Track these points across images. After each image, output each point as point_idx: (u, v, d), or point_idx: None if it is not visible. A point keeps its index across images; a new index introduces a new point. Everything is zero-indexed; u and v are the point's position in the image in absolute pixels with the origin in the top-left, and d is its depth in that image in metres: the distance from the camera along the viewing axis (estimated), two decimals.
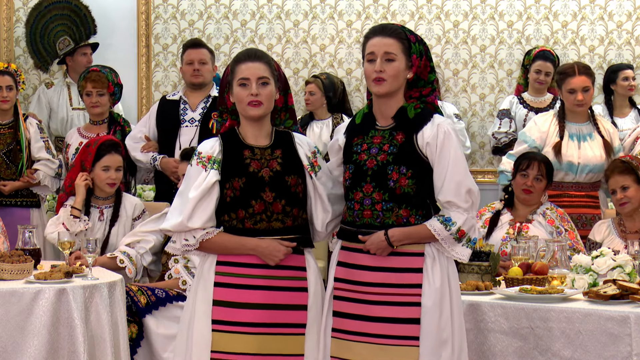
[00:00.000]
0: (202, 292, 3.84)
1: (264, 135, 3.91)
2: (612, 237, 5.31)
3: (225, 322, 3.80)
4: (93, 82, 6.40)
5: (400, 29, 3.87)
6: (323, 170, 3.96)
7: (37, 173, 6.49)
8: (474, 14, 8.05)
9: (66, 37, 7.75)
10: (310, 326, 3.86)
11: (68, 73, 7.61)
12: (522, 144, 5.90)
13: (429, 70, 3.90)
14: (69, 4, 7.87)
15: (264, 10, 8.13)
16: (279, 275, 3.83)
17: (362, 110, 3.98)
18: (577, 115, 5.86)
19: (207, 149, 3.87)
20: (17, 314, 4.47)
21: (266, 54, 3.97)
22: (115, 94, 6.53)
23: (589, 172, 5.79)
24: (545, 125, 5.85)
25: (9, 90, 6.46)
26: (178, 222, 3.81)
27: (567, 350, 4.10)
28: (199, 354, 3.81)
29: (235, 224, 3.83)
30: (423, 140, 3.81)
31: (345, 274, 3.89)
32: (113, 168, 5.68)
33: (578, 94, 5.76)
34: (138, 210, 5.75)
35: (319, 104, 7.51)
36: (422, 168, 3.82)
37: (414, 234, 3.81)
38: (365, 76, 3.87)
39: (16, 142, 6.49)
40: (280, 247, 3.81)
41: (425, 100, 3.91)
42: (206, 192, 3.81)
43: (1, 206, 6.44)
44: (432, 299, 3.78)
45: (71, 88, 7.51)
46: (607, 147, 5.79)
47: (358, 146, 3.88)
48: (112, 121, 6.52)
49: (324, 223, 3.94)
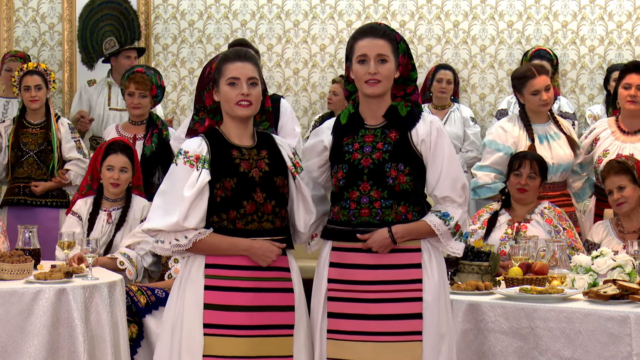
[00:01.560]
0: (191, 295, 3.77)
1: (247, 135, 3.87)
2: (610, 237, 5.31)
3: (217, 326, 3.75)
4: (137, 83, 6.37)
5: (389, 30, 3.90)
6: (304, 172, 3.96)
7: (68, 173, 6.50)
8: (474, 14, 8.06)
9: (112, 38, 7.76)
10: (298, 326, 3.84)
11: (111, 73, 7.59)
12: (495, 152, 5.82)
13: (410, 68, 3.93)
14: (120, 6, 7.91)
15: (264, 10, 8.14)
16: (266, 276, 3.80)
17: (347, 110, 3.98)
18: (539, 116, 5.85)
19: (194, 148, 3.80)
20: (17, 314, 4.47)
21: (254, 54, 3.96)
22: (157, 96, 6.49)
23: (562, 171, 5.80)
24: (515, 130, 5.82)
25: (37, 90, 6.46)
26: (173, 222, 3.74)
27: (567, 350, 4.10)
28: (190, 358, 3.74)
29: (225, 225, 3.78)
30: (418, 137, 3.85)
31: (339, 274, 3.88)
32: (117, 168, 5.65)
33: (542, 94, 5.77)
34: (146, 212, 5.71)
35: (340, 105, 7.47)
36: (417, 165, 3.85)
37: (415, 229, 3.84)
38: (357, 77, 3.87)
39: (47, 142, 6.50)
40: (273, 248, 3.78)
41: (410, 99, 3.94)
42: (200, 191, 3.76)
43: (31, 206, 6.47)
44: (432, 294, 3.82)
45: (112, 88, 7.49)
46: (572, 144, 5.81)
47: (349, 146, 3.89)
48: (150, 123, 6.48)
49: (307, 224, 3.91)
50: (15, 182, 6.55)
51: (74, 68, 8.18)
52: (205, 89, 3.90)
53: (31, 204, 6.48)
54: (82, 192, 5.76)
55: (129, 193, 5.73)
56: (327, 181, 4.02)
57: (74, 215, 5.67)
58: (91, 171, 5.75)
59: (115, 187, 5.67)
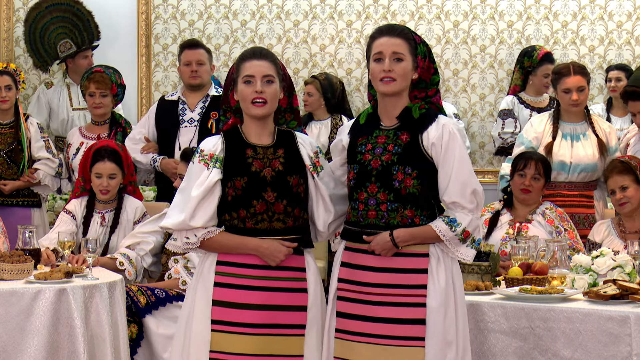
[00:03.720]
0: (202, 292, 3.83)
1: (267, 134, 3.90)
2: (612, 237, 5.31)
3: (225, 323, 3.79)
4: (96, 82, 6.39)
5: (407, 30, 3.89)
6: (325, 170, 3.95)
7: (37, 172, 6.49)
8: (474, 14, 8.05)
9: (68, 40, 7.73)
10: (310, 327, 3.85)
11: (68, 73, 7.60)
12: (520, 145, 5.92)
13: (432, 72, 3.92)
14: (71, 7, 7.82)
15: (264, 10, 8.13)
16: (279, 276, 3.82)
17: (367, 111, 3.98)
18: (572, 115, 5.87)
19: (209, 147, 3.86)
20: (17, 314, 4.47)
21: (272, 53, 3.97)
22: (118, 95, 6.51)
23: (581, 172, 5.79)
24: (540, 126, 5.88)
25: (7, 90, 6.45)
26: (180, 221, 3.80)
27: (567, 350, 4.10)
28: (197, 353, 3.80)
29: (236, 224, 3.82)
30: (428, 140, 3.81)
31: (348, 274, 3.89)
32: (105, 176, 5.62)
33: (573, 94, 5.79)
34: (139, 214, 5.71)
35: (317, 105, 7.50)
36: (427, 168, 3.82)
37: (419, 234, 3.82)
38: (372, 75, 3.86)
39: (17, 141, 6.48)
40: (282, 247, 3.80)
41: (430, 101, 3.92)
42: (208, 190, 3.79)
43: (2, 206, 6.44)
44: (437, 300, 3.79)
45: (71, 88, 7.49)
46: (602, 147, 5.80)
47: (362, 146, 3.88)
48: (113, 122, 6.51)
49: (326, 223, 3.93)
50: None
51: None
52: (229, 89, 3.94)
53: (2, 203, 6.46)
54: (77, 193, 5.76)
55: (120, 194, 5.72)
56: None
57: (67, 214, 5.66)
58: (82, 173, 5.74)
59: (104, 194, 5.66)
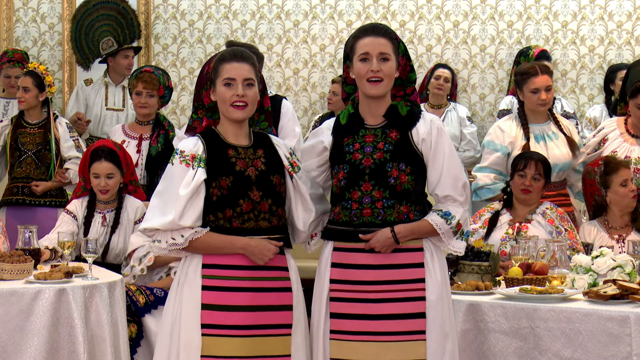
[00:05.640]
0: (189, 296, 3.77)
1: (243, 135, 3.88)
2: (602, 234, 5.35)
3: (214, 326, 3.75)
4: (144, 82, 6.36)
5: (389, 29, 3.92)
6: (302, 171, 3.96)
7: (67, 172, 6.51)
8: (474, 14, 8.06)
9: (110, 37, 7.76)
10: (296, 326, 3.84)
11: (108, 73, 7.59)
12: (493, 152, 5.83)
13: (408, 69, 3.94)
14: (117, 6, 7.90)
15: (264, 10, 8.14)
16: (264, 276, 3.80)
17: (347, 111, 3.98)
18: (538, 116, 5.85)
19: (190, 147, 3.81)
20: (17, 314, 4.47)
21: (251, 54, 3.92)
22: (165, 96, 6.49)
23: (559, 171, 5.79)
24: (512, 130, 5.82)
25: (25, 92, 6.48)
26: (169, 221, 3.73)
27: (567, 350, 4.10)
28: (187, 359, 3.75)
29: (222, 223, 3.79)
30: (418, 136, 3.86)
31: (341, 274, 3.88)
32: (102, 176, 5.61)
33: (542, 93, 5.77)
34: (140, 213, 5.69)
35: (341, 104, 7.48)
36: (418, 164, 3.87)
37: (417, 229, 3.85)
38: (358, 76, 3.86)
39: (46, 141, 6.51)
40: (270, 246, 3.79)
41: (409, 99, 3.94)
42: (196, 190, 3.75)
43: (30, 206, 6.48)
44: (435, 293, 3.84)
45: (109, 88, 7.49)
46: (572, 144, 5.80)
47: (350, 146, 3.89)
48: (157, 123, 6.47)
49: (307, 223, 3.92)
50: (14, 182, 6.56)
51: (74, 68, 8.19)
52: (204, 88, 3.91)
53: (30, 203, 6.49)
54: (78, 193, 5.76)
55: (121, 194, 5.72)
56: (325, 181, 4.02)
57: (68, 214, 5.66)
58: (82, 174, 5.74)
59: (104, 194, 5.65)
